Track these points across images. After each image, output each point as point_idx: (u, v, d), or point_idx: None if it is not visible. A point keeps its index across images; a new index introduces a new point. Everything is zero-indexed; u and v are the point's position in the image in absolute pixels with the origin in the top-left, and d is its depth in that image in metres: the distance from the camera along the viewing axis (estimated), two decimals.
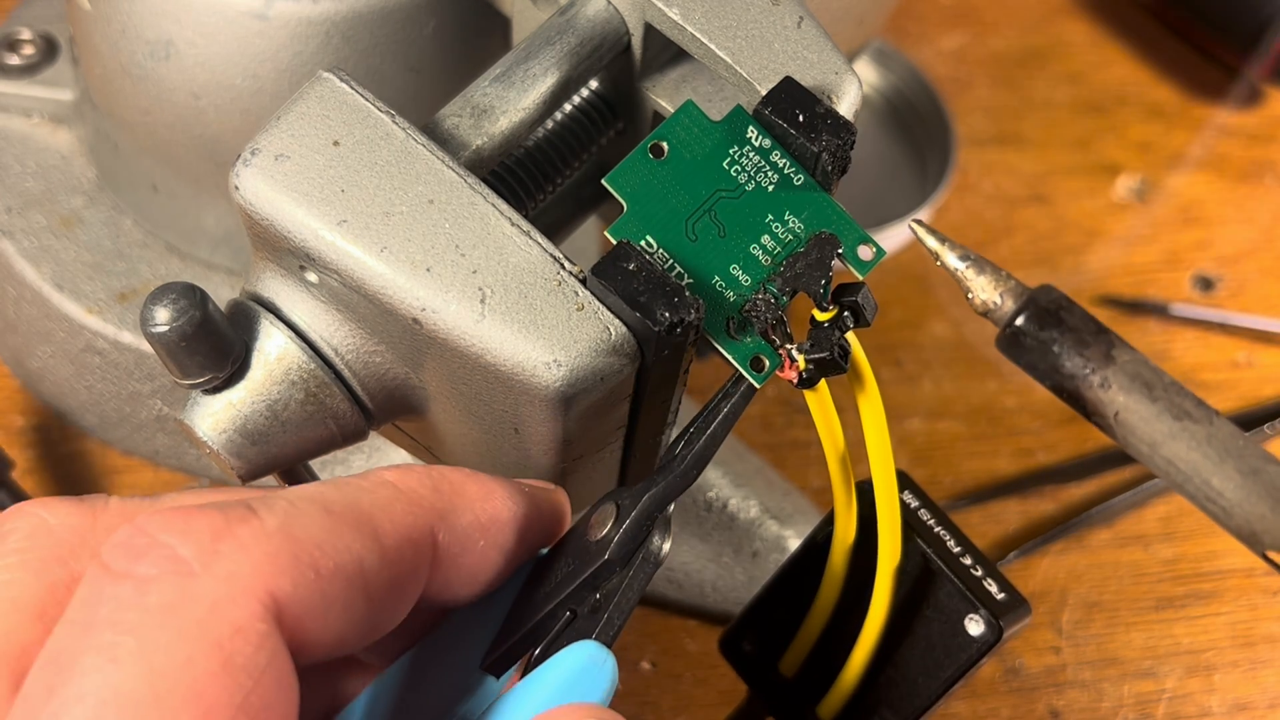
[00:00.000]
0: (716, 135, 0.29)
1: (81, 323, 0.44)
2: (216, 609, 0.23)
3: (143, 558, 0.24)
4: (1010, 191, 0.59)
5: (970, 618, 0.32)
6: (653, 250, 0.28)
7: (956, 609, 0.32)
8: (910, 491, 0.34)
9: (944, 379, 0.53)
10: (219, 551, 0.24)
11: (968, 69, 0.63)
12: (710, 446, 0.28)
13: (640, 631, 0.47)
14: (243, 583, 0.23)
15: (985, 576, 0.32)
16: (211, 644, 0.23)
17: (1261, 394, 0.54)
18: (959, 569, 0.32)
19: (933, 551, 0.32)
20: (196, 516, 0.24)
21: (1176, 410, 0.27)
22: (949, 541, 0.33)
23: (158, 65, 0.40)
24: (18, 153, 0.47)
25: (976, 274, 0.29)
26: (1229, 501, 0.27)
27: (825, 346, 0.27)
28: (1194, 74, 0.64)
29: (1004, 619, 0.32)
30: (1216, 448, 0.27)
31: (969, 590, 0.32)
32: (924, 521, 0.33)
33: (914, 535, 0.33)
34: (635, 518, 0.27)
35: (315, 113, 0.28)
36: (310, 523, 0.25)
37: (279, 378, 0.29)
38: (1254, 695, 0.47)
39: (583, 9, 0.32)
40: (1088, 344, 0.28)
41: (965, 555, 0.33)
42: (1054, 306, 0.28)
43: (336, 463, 0.46)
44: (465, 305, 0.27)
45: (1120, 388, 0.28)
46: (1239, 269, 0.58)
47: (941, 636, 0.32)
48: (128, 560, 0.24)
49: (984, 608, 0.32)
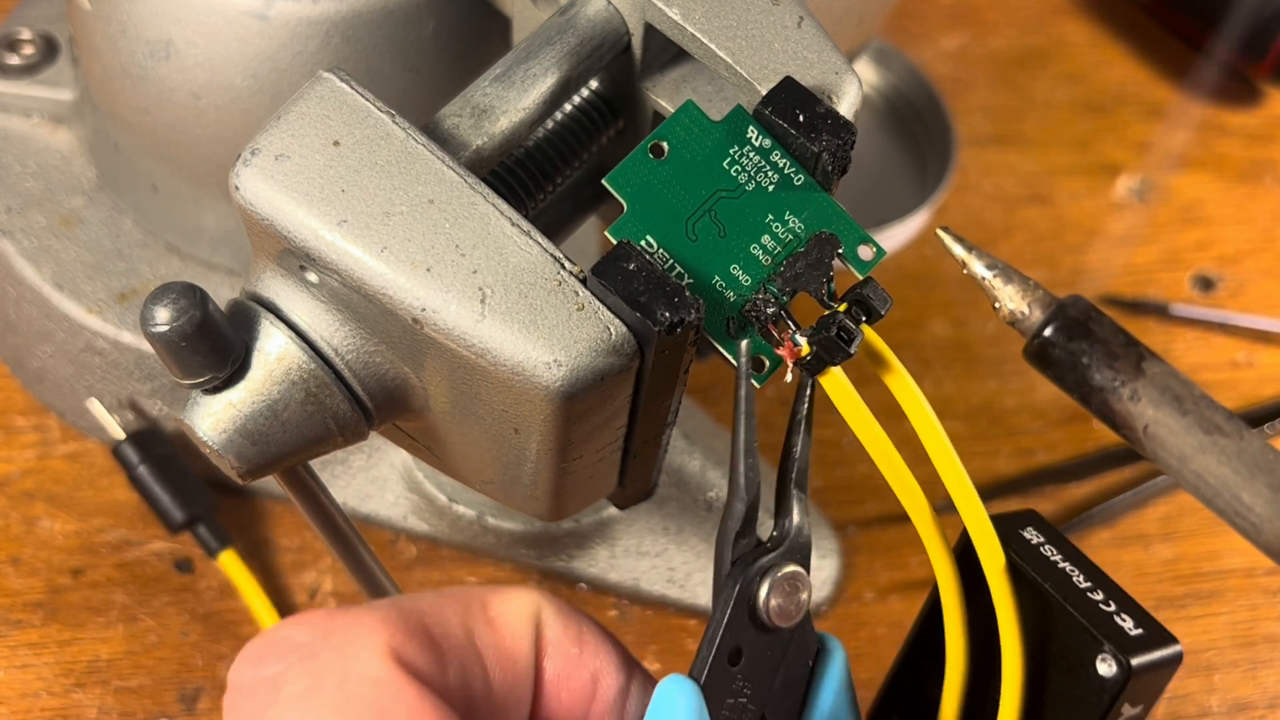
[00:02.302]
0: (717, 135, 0.29)
1: (81, 323, 0.44)
2: (347, 674, 0.23)
3: (266, 660, 0.24)
4: (1010, 191, 0.59)
5: (1101, 658, 0.29)
6: (653, 250, 0.28)
7: (1086, 651, 0.29)
8: (1034, 527, 0.31)
9: (944, 379, 0.53)
10: (333, 627, 0.24)
11: (968, 69, 0.63)
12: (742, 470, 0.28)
13: (640, 631, 0.47)
14: (363, 642, 0.24)
15: (1118, 612, 0.29)
16: (358, 705, 0.23)
17: (1261, 394, 0.54)
18: (1085, 606, 0.29)
19: (1053, 590, 0.29)
20: (309, 611, 0.25)
21: (1207, 424, 0.26)
22: (1076, 576, 0.30)
23: (158, 65, 0.40)
24: (18, 153, 0.47)
25: (1004, 283, 0.28)
26: (1259, 517, 0.26)
27: (827, 327, 0.27)
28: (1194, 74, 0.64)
29: (1136, 655, 0.28)
30: (1247, 462, 0.26)
31: (1094, 627, 0.29)
32: (1047, 558, 0.30)
33: (1033, 573, 0.30)
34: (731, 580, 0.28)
35: (315, 113, 0.28)
36: (418, 597, 0.26)
37: (279, 378, 0.29)
38: (1254, 695, 0.47)
39: (583, 9, 0.32)
40: (1117, 356, 0.27)
41: (1096, 590, 0.30)
42: (1083, 317, 0.27)
43: (336, 463, 0.46)
44: (465, 305, 0.27)
45: (1150, 401, 0.27)
46: (1239, 269, 0.58)
47: (1075, 684, 0.29)
48: (254, 668, 0.24)
49: (1110, 644, 0.28)
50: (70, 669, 0.44)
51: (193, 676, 0.44)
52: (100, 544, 0.46)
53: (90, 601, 0.45)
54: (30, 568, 0.45)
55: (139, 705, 0.43)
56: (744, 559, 0.28)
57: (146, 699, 0.43)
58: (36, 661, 0.44)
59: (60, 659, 0.44)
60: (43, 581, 0.45)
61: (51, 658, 0.44)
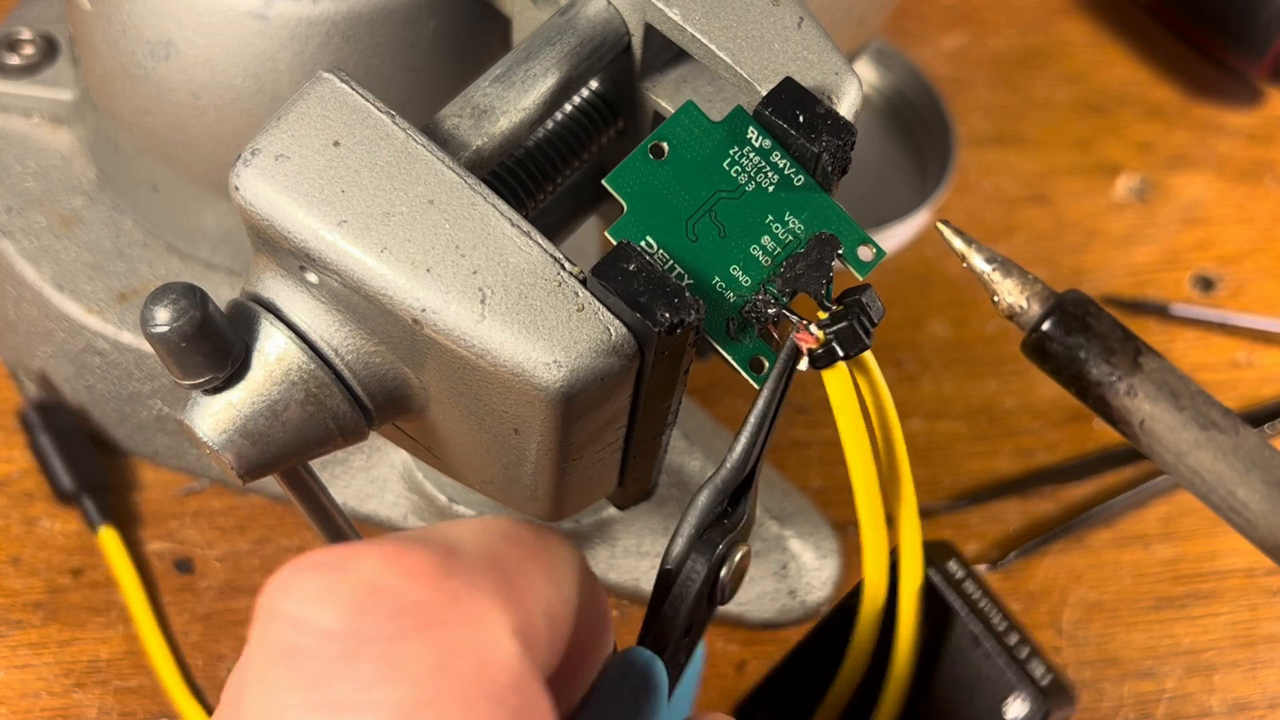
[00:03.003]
0: (717, 136, 0.29)
1: (81, 323, 0.44)
2: (485, 661, 0.19)
3: (368, 611, 0.19)
4: (1010, 191, 0.59)
5: (1013, 697, 0.29)
6: (653, 251, 0.28)
7: (997, 690, 0.30)
8: (955, 561, 0.31)
9: (944, 379, 0.53)
10: (454, 590, 0.19)
11: (968, 69, 0.63)
12: (753, 440, 0.27)
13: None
14: (494, 619, 0.20)
15: (1030, 658, 0.30)
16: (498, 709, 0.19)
17: (1261, 394, 0.54)
18: (1002, 647, 0.30)
19: (975, 627, 0.30)
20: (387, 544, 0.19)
21: (1203, 420, 0.26)
22: (994, 618, 0.31)
23: (158, 65, 0.40)
24: (18, 153, 0.47)
25: (1003, 276, 0.28)
26: (1254, 513, 0.26)
27: (846, 317, 0.27)
28: (1194, 74, 0.64)
29: (1050, 702, 0.29)
30: (1242, 458, 0.26)
31: (1012, 669, 0.30)
32: (969, 595, 0.31)
33: (956, 605, 0.30)
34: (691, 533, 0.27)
35: (315, 113, 0.28)
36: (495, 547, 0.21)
37: (279, 378, 0.29)
38: (1254, 695, 0.47)
39: (583, 9, 0.32)
40: (1115, 350, 0.27)
41: (1010, 634, 0.31)
42: (1081, 311, 0.27)
43: (336, 463, 0.46)
44: (465, 306, 0.27)
45: (1146, 396, 0.27)
46: (1239, 269, 0.58)
47: (976, 717, 0.30)
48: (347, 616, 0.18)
49: (1029, 688, 0.29)
50: (70, 669, 0.44)
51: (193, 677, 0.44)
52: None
53: (90, 601, 0.45)
54: (30, 568, 0.45)
55: (139, 705, 0.43)
56: (711, 534, 0.28)
57: (146, 699, 0.43)
58: (36, 661, 0.44)
59: (60, 659, 0.44)
60: (43, 581, 0.45)
61: (51, 658, 0.44)
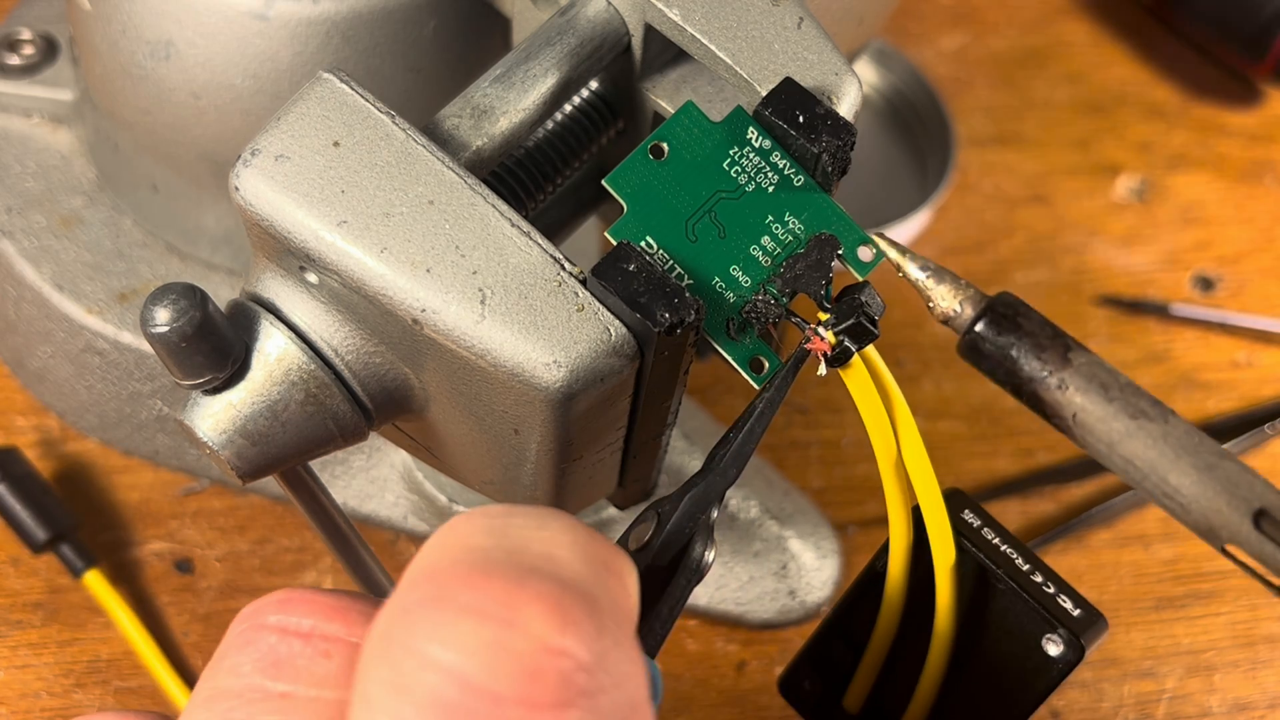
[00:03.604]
0: (717, 136, 0.29)
1: (81, 323, 0.44)
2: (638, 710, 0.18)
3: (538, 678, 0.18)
4: (1010, 191, 0.59)
5: (1048, 638, 0.30)
6: (653, 251, 0.28)
7: (1032, 630, 0.30)
8: (971, 510, 0.32)
9: (944, 379, 0.53)
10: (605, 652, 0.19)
11: (968, 69, 0.63)
12: (748, 443, 0.27)
13: None
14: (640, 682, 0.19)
15: (1059, 594, 0.31)
16: None
17: (1261, 394, 0.54)
18: (1031, 587, 0.31)
19: (1002, 571, 0.31)
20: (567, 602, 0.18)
21: (1132, 410, 0.27)
22: (1018, 559, 0.31)
23: (158, 65, 0.40)
24: (18, 153, 0.47)
25: (937, 283, 0.29)
26: (1186, 498, 0.27)
27: (851, 314, 0.27)
28: (1194, 74, 0.64)
29: (1084, 636, 0.30)
30: (1172, 445, 0.27)
31: (1044, 609, 0.30)
32: (989, 541, 0.31)
33: (981, 554, 0.31)
34: (678, 519, 0.26)
35: (315, 113, 0.28)
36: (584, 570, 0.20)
37: (279, 378, 0.29)
38: (1254, 695, 0.47)
39: (583, 9, 0.32)
40: (1044, 347, 0.28)
41: (1035, 573, 0.31)
42: (1011, 312, 0.28)
43: (336, 463, 0.46)
44: (465, 306, 0.27)
45: (1077, 389, 0.28)
46: (1239, 269, 0.58)
47: (1017, 660, 0.30)
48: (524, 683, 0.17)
49: (1063, 626, 0.30)
50: (70, 669, 0.44)
51: (194, 677, 0.44)
52: (100, 544, 0.46)
53: (90, 601, 0.45)
54: (30, 568, 0.45)
55: (139, 705, 0.43)
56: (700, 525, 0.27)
57: (146, 699, 0.43)
58: (36, 661, 0.44)
59: (60, 659, 0.44)
60: (43, 581, 0.45)
61: (51, 658, 0.44)
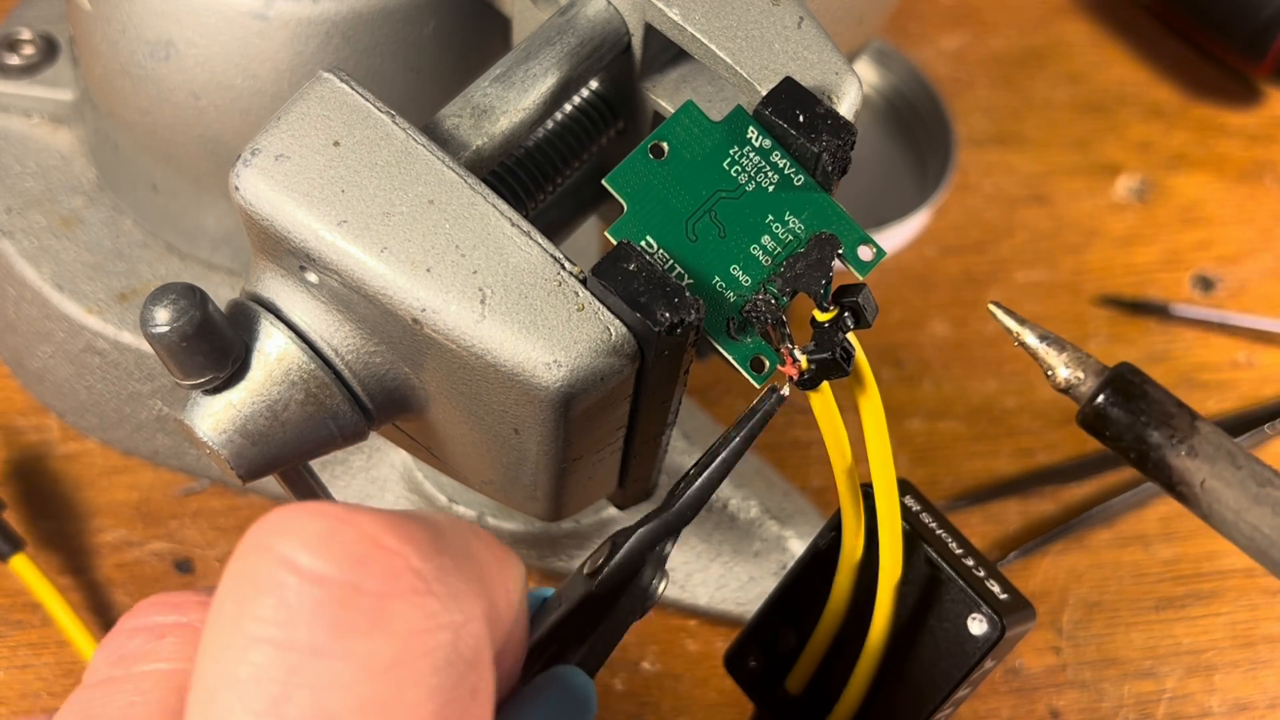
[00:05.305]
0: (717, 135, 0.29)
1: (81, 323, 0.44)
2: (459, 638, 0.19)
3: (369, 565, 0.19)
4: (1010, 191, 0.59)
5: (973, 617, 0.32)
6: (653, 251, 0.28)
7: (960, 610, 0.32)
8: (911, 496, 0.34)
9: (944, 379, 0.53)
10: (444, 567, 0.19)
11: (968, 69, 0.63)
12: (707, 489, 0.28)
13: (640, 632, 0.47)
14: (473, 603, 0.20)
15: (988, 577, 0.33)
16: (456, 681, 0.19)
17: (1261, 394, 0.54)
18: (962, 570, 0.33)
19: (936, 554, 0.33)
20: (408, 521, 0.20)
21: (1260, 478, 0.28)
22: (951, 544, 0.33)
23: (158, 65, 0.40)
24: (18, 153, 0.47)
25: (1058, 353, 0.30)
26: None
27: (828, 347, 0.27)
28: (1194, 74, 0.64)
29: (1007, 617, 0.32)
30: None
31: (971, 589, 0.32)
32: (926, 525, 0.33)
33: (918, 539, 0.33)
34: (625, 552, 0.27)
35: (315, 113, 0.28)
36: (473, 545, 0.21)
37: (279, 378, 0.29)
38: (1254, 695, 0.47)
39: (583, 9, 0.32)
40: (1172, 415, 0.29)
41: (968, 557, 0.33)
42: (1138, 379, 0.29)
43: (336, 463, 0.46)
44: (465, 305, 0.27)
45: (1205, 456, 0.28)
46: (1239, 269, 0.58)
47: (946, 641, 0.33)
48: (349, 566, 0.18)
49: (986, 605, 0.32)
50: (70, 669, 0.44)
51: None
52: (100, 544, 0.46)
53: (90, 601, 0.45)
54: None
55: None
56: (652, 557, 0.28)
57: None
58: (36, 662, 0.44)
59: (60, 659, 0.44)
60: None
61: (51, 658, 0.44)
